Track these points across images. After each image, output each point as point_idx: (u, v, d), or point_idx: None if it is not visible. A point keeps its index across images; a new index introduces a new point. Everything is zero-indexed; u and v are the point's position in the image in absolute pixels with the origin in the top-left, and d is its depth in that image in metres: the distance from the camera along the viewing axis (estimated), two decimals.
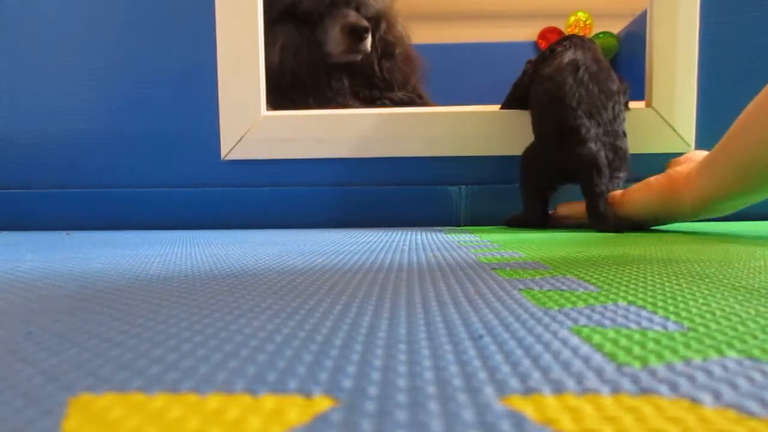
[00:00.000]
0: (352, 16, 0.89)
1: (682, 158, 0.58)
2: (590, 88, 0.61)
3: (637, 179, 0.72)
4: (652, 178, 0.57)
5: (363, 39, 0.88)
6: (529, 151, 0.65)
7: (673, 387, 0.12)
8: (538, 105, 0.66)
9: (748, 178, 0.47)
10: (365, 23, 0.88)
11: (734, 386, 0.12)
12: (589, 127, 0.59)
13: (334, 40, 0.89)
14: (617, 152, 0.61)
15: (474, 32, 1.50)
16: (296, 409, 0.12)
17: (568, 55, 0.65)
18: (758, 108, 0.45)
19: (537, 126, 0.66)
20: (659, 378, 0.13)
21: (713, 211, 0.53)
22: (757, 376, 0.13)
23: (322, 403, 0.12)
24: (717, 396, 0.12)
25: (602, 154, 0.59)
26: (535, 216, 0.65)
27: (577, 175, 0.60)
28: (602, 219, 0.58)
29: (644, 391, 0.12)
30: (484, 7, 1.52)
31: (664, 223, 0.61)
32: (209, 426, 0.11)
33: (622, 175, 0.62)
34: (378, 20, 0.97)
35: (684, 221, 0.59)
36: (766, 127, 0.44)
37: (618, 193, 0.60)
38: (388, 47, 0.98)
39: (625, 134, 0.63)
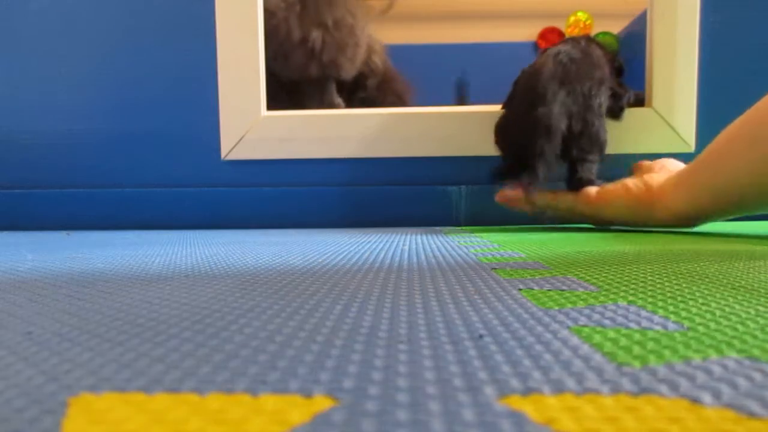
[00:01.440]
0: (327, 101, 0.89)
1: (655, 165, 0.58)
2: (568, 66, 0.61)
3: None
4: (629, 182, 0.57)
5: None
6: (500, 120, 0.66)
7: (673, 387, 0.12)
8: (516, 84, 0.66)
9: (721, 202, 0.48)
10: (341, 103, 0.91)
11: (734, 386, 0.12)
12: (556, 91, 0.59)
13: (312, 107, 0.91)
14: (587, 127, 0.59)
15: (474, 32, 1.50)
16: (298, 409, 0.12)
17: (556, 48, 0.65)
18: (731, 138, 0.46)
19: (512, 99, 0.65)
20: (659, 378, 0.13)
21: (684, 226, 0.54)
22: (757, 376, 0.13)
23: (324, 403, 0.12)
24: (717, 396, 0.12)
25: (562, 122, 0.58)
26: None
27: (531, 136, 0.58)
28: (532, 179, 0.57)
29: (644, 391, 0.12)
30: (484, 7, 1.52)
31: (633, 226, 0.61)
32: (211, 426, 0.11)
33: (591, 158, 0.61)
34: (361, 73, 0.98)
35: (652, 227, 0.59)
36: (737, 157, 0.45)
37: (593, 190, 0.59)
38: (365, 82, 0.99)
39: (601, 117, 0.61)
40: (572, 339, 0.17)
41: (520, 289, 0.25)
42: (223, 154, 0.74)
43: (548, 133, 0.57)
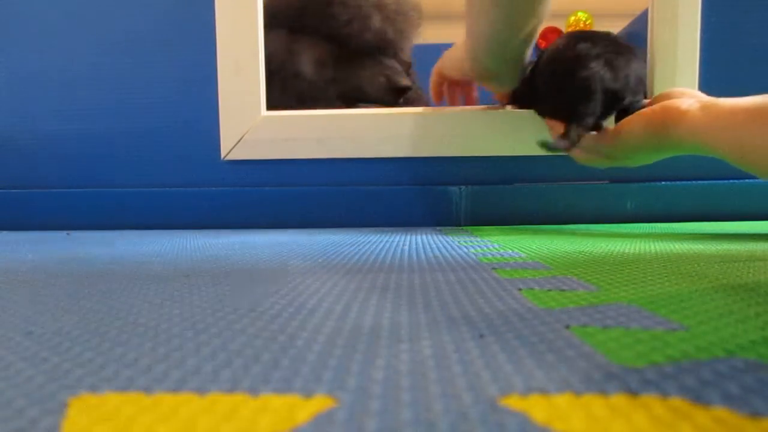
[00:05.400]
0: (397, 71, 0.89)
1: (674, 92, 0.56)
2: (587, 33, 0.61)
3: (640, 180, 0.72)
4: (647, 108, 0.55)
5: (402, 96, 0.90)
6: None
7: (674, 386, 0.12)
8: (545, 64, 0.63)
9: (756, 163, 0.45)
10: (409, 83, 0.89)
11: (735, 385, 0.12)
12: (590, 50, 0.57)
13: (373, 86, 0.89)
14: (629, 70, 0.57)
15: None
16: (302, 408, 0.12)
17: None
18: None
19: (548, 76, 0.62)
20: (660, 377, 0.13)
21: (697, 152, 0.51)
22: (757, 376, 0.13)
23: (327, 402, 0.12)
24: (717, 395, 0.12)
25: (606, 79, 0.56)
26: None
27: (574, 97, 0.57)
28: (566, 138, 0.55)
29: (645, 391, 0.12)
30: None
31: (645, 157, 0.58)
32: (214, 425, 0.11)
33: (639, 98, 0.58)
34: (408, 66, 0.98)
35: (660, 154, 0.56)
36: None
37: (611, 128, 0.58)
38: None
39: (637, 57, 0.59)
40: (573, 338, 0.17)
41: (521, 289, 0.25)
42: (223, 154, 0.74)
43: (590, 98, 0.56)
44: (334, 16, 0.85)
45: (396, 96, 0.90)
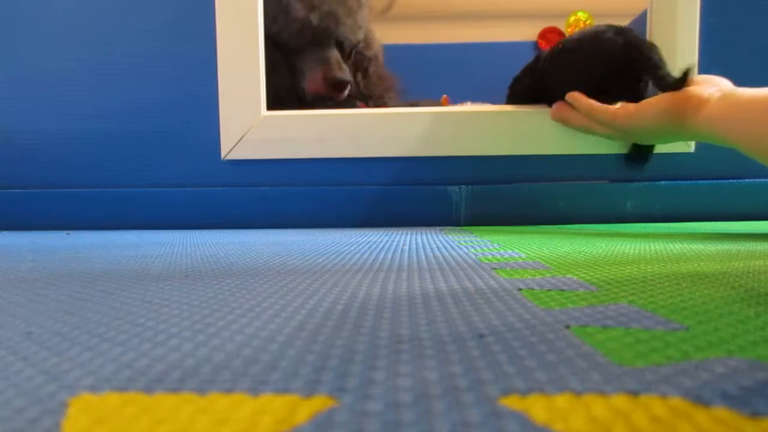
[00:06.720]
0: (334, 63, 0.86)
1: (699, 78, 0.56)
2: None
3: (640, 180, 0.72)
4: (667, 93, 0.55)
5: (344, 90, 0.87)
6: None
7: (674, 386, 0.12)
8: (568, 52, 0.67)
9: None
10: (348, 77, 0.86)
11: (734, 385, 0.12)
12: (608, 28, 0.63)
13: (313, 82, 0.87)
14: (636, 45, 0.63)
15: (474, 32, 1.50)
16: (301, 409, 0.12)
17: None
18: None
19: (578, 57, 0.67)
20: (660, 377, 0.13)
21: (712, 141, 0.51)
22: (757, 376, 0.13)
23: (326, 403, 0.12)
24: (717, 395, 0.12)
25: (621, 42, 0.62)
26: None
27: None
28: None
29: (645, 391, 0.12)
30: (484, 7, 1.52)
31: (661, 139, 0.61)
32: (213, 426, 0.11)
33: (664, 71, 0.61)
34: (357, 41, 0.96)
35: (673, 138, 0.59)
36: None
37: (631, 105, 0.59)
38: (364, 64, 0.97)
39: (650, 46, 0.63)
40: (573, 339, 0.17)
41: (521, 289, 0.25)
42: (223, 154, 0.74)
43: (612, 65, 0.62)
44: (266, 16, 0.83)
45: (334, 92, 0.86)
